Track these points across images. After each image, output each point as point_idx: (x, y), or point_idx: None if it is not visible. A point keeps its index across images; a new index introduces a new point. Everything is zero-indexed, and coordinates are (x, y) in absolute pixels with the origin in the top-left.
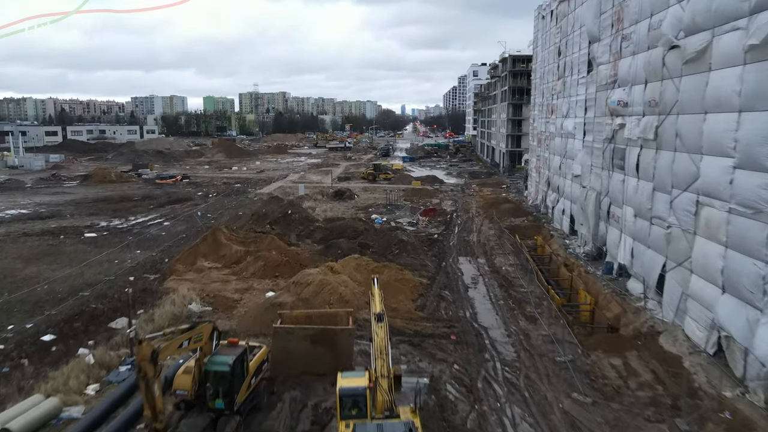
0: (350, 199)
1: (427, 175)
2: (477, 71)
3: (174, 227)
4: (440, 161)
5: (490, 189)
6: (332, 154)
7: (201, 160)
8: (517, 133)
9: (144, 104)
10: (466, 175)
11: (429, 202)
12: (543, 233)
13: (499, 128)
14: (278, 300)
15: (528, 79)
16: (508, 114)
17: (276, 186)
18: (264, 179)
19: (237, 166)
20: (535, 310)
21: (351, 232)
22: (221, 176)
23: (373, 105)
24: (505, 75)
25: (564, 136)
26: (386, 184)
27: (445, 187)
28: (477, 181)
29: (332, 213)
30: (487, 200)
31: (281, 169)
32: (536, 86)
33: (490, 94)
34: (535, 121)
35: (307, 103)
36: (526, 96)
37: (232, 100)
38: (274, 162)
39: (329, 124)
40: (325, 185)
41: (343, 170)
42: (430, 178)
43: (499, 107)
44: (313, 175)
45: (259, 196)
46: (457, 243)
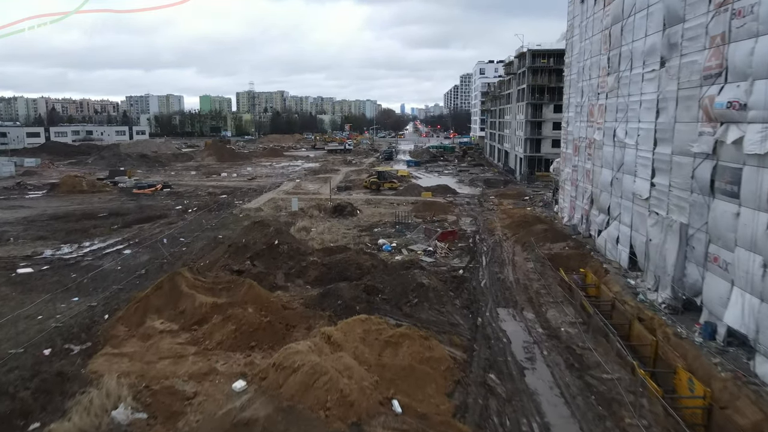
0: (351, 216)
1: (438, 184)
2: (484, 69)
3: (134, 258)
4: (447, 165)
5: (512, 201)
6: (331, 157)
7: (189, 164)
8: (536, 136)
9: (139, 103)
10: (479, 183)
11: (444, 219)
12: (593, 266)
13: (514, 130)
14: (245, 416)
15: (550, 76)
16: (527, 115)
17: (266, 198)
18: (254, 189)
19: (227, 172)
20: (636, 416)
21: (354, 270)
22: (207, 184)
23: (373, 104)
24: (523, 72)
25: (620, 146)
26: (392, 195)
27: (460, 199)
28: (494, 191)
29: (330, 236)
30: (512, 217)
31: (275, 175)
32: (571, 84)
33: (502, 93)
34: (569, 124)
35: (306, 103)
36: (547, 95)
37: (230, 100)
38: (268, 167)
39: (328, 124)
40: (323, 197)
41: (343, 177)
42: (442, 188)
43: (515, 107)
44: (309, 183)
45: (246, 213)
46: (490, 282)
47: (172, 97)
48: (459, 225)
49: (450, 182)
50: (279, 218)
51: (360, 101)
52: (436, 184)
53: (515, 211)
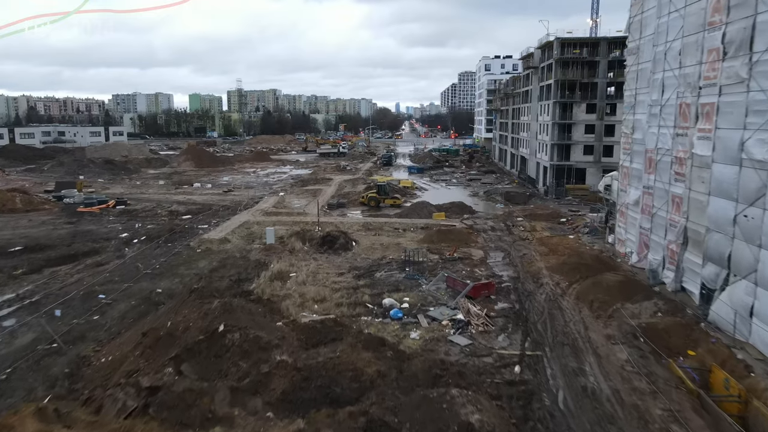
0: (345, 251)
1: (450, 202)
2: (489, 65)
3: (8, 341)
4: (455, 173)
5: (546, 225)
6: (323, 163)
7: (163, 171)
8: (566, 141)
9: (126, 102)
10: (498, 197)
11: (468, 255)
12: (712, 350)
13: (535, 134)
14: None
15: (582, 69)
16: (554, 116)
17: (238, 222)
18: (228, 206)
19: (201, 182)
20: None
21: (349, 383)
22: (173, 199)
23: (368, 103)
24: (549, 65)
25: (754, 166)
26: (395, 215)
27: (481, 222)
28: (520, 210)
29: (316, 289)
30: (556, 252)
31: (257, 185)
32: (639, 76)
33: (516, 91)
34: (637, 130)
35: (299, 101)
36: (579, 92)
37: (220, 98)
38: (251, 174)
39: (322, 123)
40: (310, 219)
41: (336, 189)
42: (456, 206)
43: (536, 107)
44: (295, 198)
45: (206, 246)
46: (574, 401)
47: (162, 96)
48: (489, 265)
49: (462, 196)
50: (249, 255)
51: (355, 100)
52: (448, 201)
53: (557, 241)
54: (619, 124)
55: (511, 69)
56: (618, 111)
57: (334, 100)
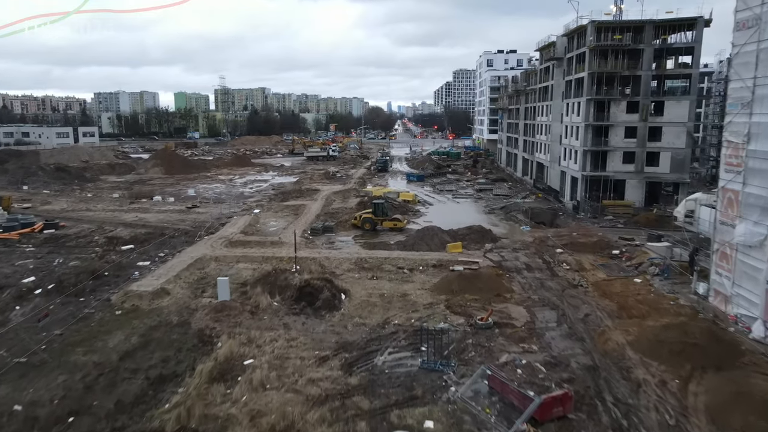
0: (331, 310)
1: (468, 227)
2: (492, 60)
3: None
4: (460, 180)
5: (595, 259)
6: (310, 168)
7: (124, 179)
8: (601, 147)
9: (109, 100)
10: (520, 216)
11: (506, 316)
12: None
13: (558, 137)
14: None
15: (622, 60)
16: (587, 116)
17: (189, 260)
18: (186, 230)
19: (164, 194)
20: None
21: None
22: (121, 219)
23: (360, 102)
24: (580, 55)
25: None
26: (397, 248)
27: (508, 253)
28: (553, 234)
29: (278, 398)
30: (629, 310)
31: (230, 198)
32: (759, 60)
33: (531, 88)
34: (754, 139)
35: (289, 100)
36: (619, 87)
37: (207, 97)
38: (226, 183)
39: (312, 123)
40: (286, 254)
41: (323, 205)
42: (475, 231)
43: (560, 106)
44: (272, 218)
45: (133, 305)
46: None
47: (147, 94)
48: (540, 336)
49: (475, 213)
50: (191, 319)
51: (347, 99)
52: (461, 222)
53: (623, 290)
54: (667, 126)
55: (516, 64)
56: (666, 109)
57: (325, 99)
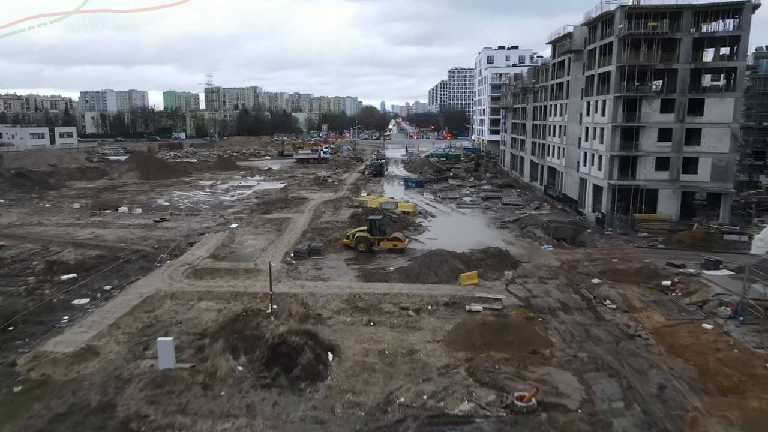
0: (314, 381)
1: (483, 251)
2: (492, 57)
3: None
4: (463, 186)
5: (641, 292)
6: (300, 171)
7: (94, 185)
8: (632, 152)
9: (95, 99)
10: (539, 232)
11: (553, 394)
12: None
13: (576, 140)
14: None
15: (655, 51)
16: (615, 116)
17: (138, 297)
18: (146, 253)
19: (131, 204)
20: None
21: None
22: (76, 235)
23: (354, 101)
24: (605, 46)
25: None
26: (398, 277)
27: (535, 285)
28: (583, 256)
29: None
30: (713, 376)
31: (206, 210)
32: None
33: (541, 85)
34: None
35: (281, 100)
36: (652, 83)
37: (197, 96)
38: (205, 190)
39: (304, 123)
40: (261, 288)
41: (311, 218)
42: (491, 256)
43: (578, 104)
44: (251, 235)
45: (44, 369)
46: None
47: (135, 93)
48: (602, 421)
49: (485, 228)
50: (119, 399)
51: (340, 98)
52: (471, 239)
53: (695, 343)
54: (708, 127)
55: (518, 61)
56: (707, 108)
57: (318, 98)
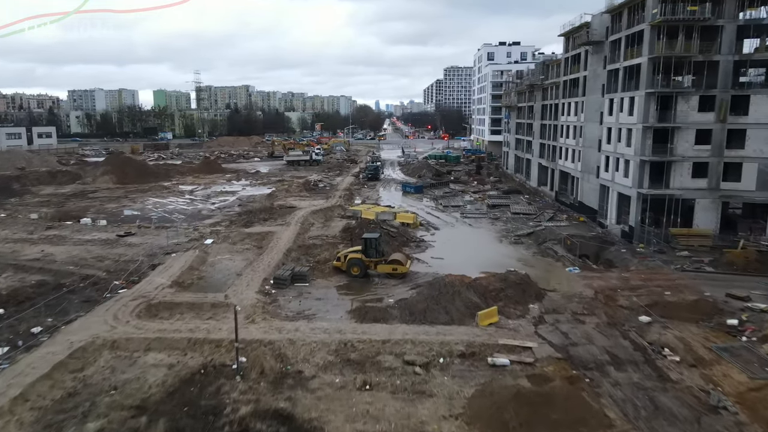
0: None
1: (502, 280)
2: (493, 53)
3: None
4: (465, 191)
5: (704, 334)
6: (290, 175)
7: (62, 192)
8: (665, 157)
9: (84, 98)
10: (561, 249)
11: None
12: None
13: (596, 143)
14: None
15: (693, 41)
16: (646, 116)
17: (69, 348)
18: (94, 280)
19: (96, 215)
20: None
21: None
22: (23, 253)
23: (348, 100)
24: (632, 36)
25: None
26: (399, 315)
27: (569, 326)
28: (621, 285)
29: None
30: None
31: (181, 221)
32: None
33: (551, 81)
34: None
35: (274, 99)
36: (691, 76)
37: (188, 95)
38: (185, 196)
39: (297, 122)
40: (226, 333)
41: (297, 232)
42: (511, 285)
43: (598, 102)
44: (226, 253)
45: None
46: None
47: (126, 92)
48: None
49: (497, 242)
50: None
51: (334, 97)
52: (486, 262)
53: None
54: (754, 128)
55: (519, 58)
56: (752, 107)
57: (312, 98)
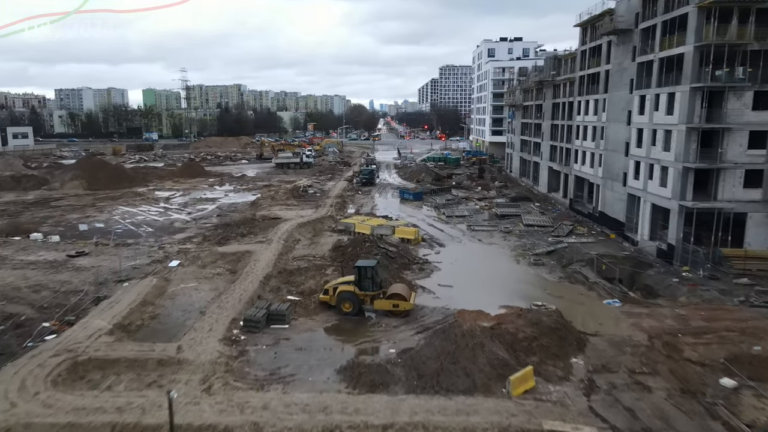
0: None
1: (532, 322)
2: (493, 50)
3: None
4: (470, 199)
5: None
6: (278, 179)
7: (24, 199)
8: (713, 164)
9: (71, 98)
10: (588, 274)
11: None
12: None
13: (622, 146)
14: None
15: (747, 26)
16: (691, 115)
17: None
18: (18, 321)
19: (54, 227)
20: None
21: None
22: None
23: (342, 100)
24: (669, 22)
25: None
26: (406, 383)
27: (630, 395)
28: (676, 323)
29: None
30: None
31: (147, 234)
32: None
33: (565, 77)
34: None
35: (266, 98)
36: (746, 66)
37: (179, 94)
38: (159, 204)
39: (289, 122)
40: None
41: (280, 251)
42: (547, 330)
43: (622, 100)
44: (192, 281)
45: None
46: None
47: (115, 91)
48: None
49: (513, 263)
50: None
51: (327, 96)
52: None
53: None
54: None
55: (522, 54)
56: None
57: (305, 97)
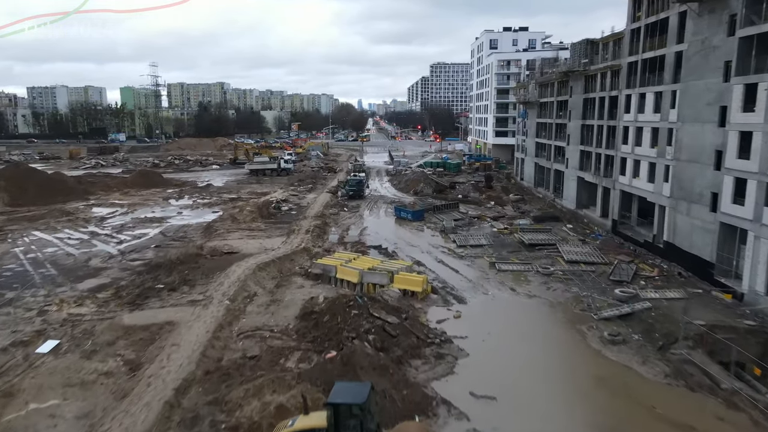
0: None
1: None
2: (496, 41)
3: None
4: (483, 219)
5: None
6: (248, 190)
7: None
8: None
9: (44, 96)
10: (703, 362)
11: None
12: None
13: (708, 157)
14: None
15: None
16: None
17: None
18: None
19: None
20: None
21: None
22: None
23: (329, 99)
24: None
25: None
26: None
27: None
28: None
29: None
30: None
31: (42, 282)
32: None
33: (598, 67)
34: None
35: (250, 97)
36: None
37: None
38: (92, 225)
39: (273, 122)
40: None
41: (216, 325)
42: None
43: (707, 93)
44: (57, 390)
45: None
46: None
47: (92, 89)
48: None
49: (577, 338)
50: None
51: (315, 95)
52: (582, 409)
53: None
54: None
55: (527, 45)
56: None
57: (291, 96)
